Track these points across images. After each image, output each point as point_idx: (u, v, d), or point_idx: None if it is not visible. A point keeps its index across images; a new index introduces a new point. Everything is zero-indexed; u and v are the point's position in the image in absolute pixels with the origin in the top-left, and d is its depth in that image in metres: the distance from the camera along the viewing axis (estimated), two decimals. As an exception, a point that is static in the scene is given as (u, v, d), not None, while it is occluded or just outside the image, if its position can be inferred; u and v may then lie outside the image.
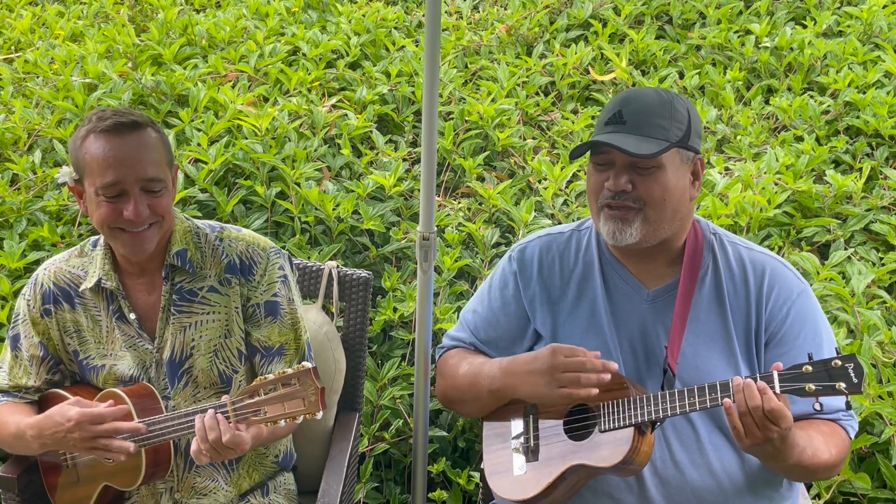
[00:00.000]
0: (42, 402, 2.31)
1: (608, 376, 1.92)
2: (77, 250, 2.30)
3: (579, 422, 2.04)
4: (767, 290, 2.03)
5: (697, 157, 2.05)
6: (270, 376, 1.93)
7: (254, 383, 1.95)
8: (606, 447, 1.95)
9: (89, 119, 2.11)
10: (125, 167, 2.05)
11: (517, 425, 2.13)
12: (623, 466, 1.94)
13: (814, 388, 1.76)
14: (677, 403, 1.89)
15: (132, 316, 2.22)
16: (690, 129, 2.01)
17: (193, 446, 1.98)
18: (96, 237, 2.29)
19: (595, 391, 1.92)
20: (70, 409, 2.06)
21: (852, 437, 2.03)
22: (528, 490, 2.05)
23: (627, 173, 1.98)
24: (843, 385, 1.75)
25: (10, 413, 2.24)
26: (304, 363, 1.92)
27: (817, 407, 1.78)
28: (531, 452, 2.08)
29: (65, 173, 2.16)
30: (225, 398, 1.98)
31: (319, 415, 1.89)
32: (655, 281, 2.10)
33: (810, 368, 1.77)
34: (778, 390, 1.79)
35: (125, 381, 2.22)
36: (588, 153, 2.06)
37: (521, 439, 2.11)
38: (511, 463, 2.11)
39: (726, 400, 1.81)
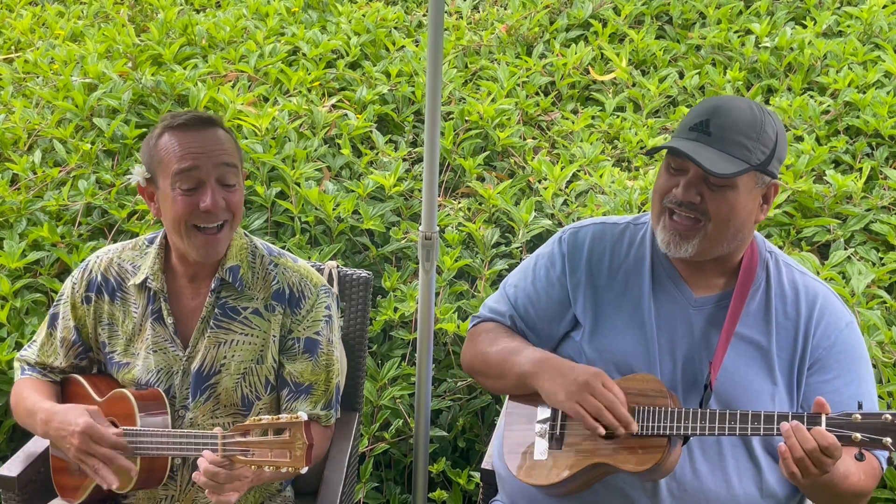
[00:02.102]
0: (63, 384, 2.33)
1: (623, 431, 1.91)
2: (132, 243, 2.30)
3: None
4: (818, 316, 2.03)
5: (773, 182, 2.00)
6: (266, 418, 1.89)
7: (247, 422, 1.92)
8: (636, 452, 1.93)
9: (163, 119, 2.14)
10: (203, 154, 2.07)
11: (544, 410, 2.11)
12: (648, 474, 1.93)
13: (860, 437, 1.75)
14: (717, 424, 1.88)
15: (170, 319, 2.20)
16: (774, 153, 1.97)
17: (197, 474, 1.96)
18: (153, 234, 2.28)
19: (601, 430, 1.91)
20: (82, 415, 2.07)
21: (884, 467, 2.01)
22: (545, 477, 2.03)
23: (698, 186, 1.95)
24: (889, 441, 1.74)
25: (32, 389, 2.26)
26: (299, 413, 1.86)
27: (858, 456, 1.77)
28: (555, 440, 2.06)
29: (137, 172, 2.15)
30: (217, 430, 1.95)
31: (303, 470, 1.84)
32: (705, 289, 2.08)
33: (859, 417, 1.76)
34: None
35: (140, 385, 2.21)
36: (664, 151, 2.03)
37: (548, 425, 2.08)
38: (532, 446, 2.09)
39: (781, 445, 1.79)
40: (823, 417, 1.78)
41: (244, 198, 2.19)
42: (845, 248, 3.39)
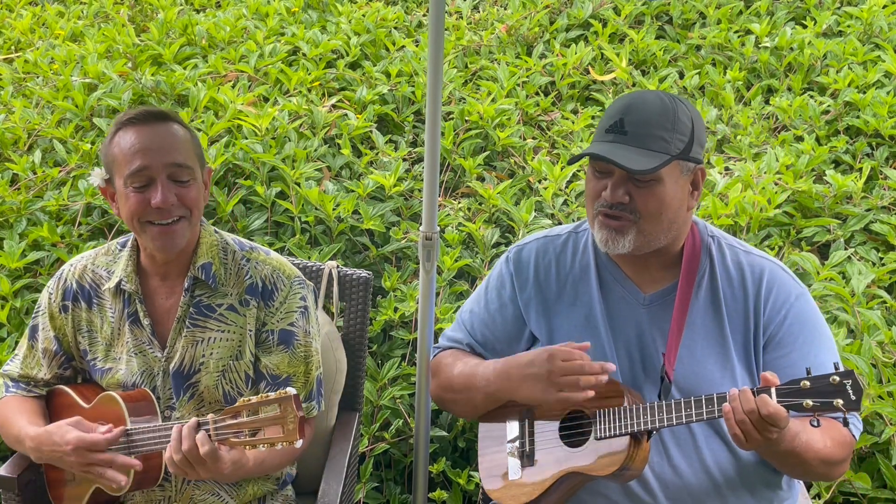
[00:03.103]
0: (48, 397, 2.32)
1: (605, 377, 1.92)
2: (104, 249, 2.30)
3: (575, 428, 2.03)
4: (766, 293, 2.02)
5: (698, 167, 2.01)
6: (254, 399, 1.89)
7: (237, 404, 1.91)
8: (602, 455, 1.95)
9: (117, 118, 2.13)
10: (152, 152, 2.06)
11: (513, 428, 2.13)
12: (619, 474, 1.94)
13: (811, 403, 1.74)
14: (674, 414, 1.88)
15: (146, 321, 2.20)
16: (693, 139, 1.97)
17: (166, 453, 1.95)
18: (125, 238, 2.28)
19: (591, 393, 1.91)
20: (69, 431, 2.06)
21: (856, 435, 2.01)
22: (523, 495, 2.05)
23: (625, 185, 1.96)
24: (840, 402, 1.73)
25: (17, 411, 2.24)
26: (287, 389, 1.87)
27: (814, 424, 1.76)
28: (526, 457, 2.07)
29: (96, 174, 2.15)
30: (210, 415, 1.94)
31: (298, 444, 1.84)
32: (652, 285, 2.09)
33: (808, 384, 1.75)
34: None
35: (126, 388, 2.21)
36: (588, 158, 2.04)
37: (517, 443, 2.10)
38: (506, 466, 2.11)
39: (725, 405, 1.80)
40: (773, 390, 1.78)
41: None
42: (845, 249, 3.39)
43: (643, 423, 1.91)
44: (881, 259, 3.38)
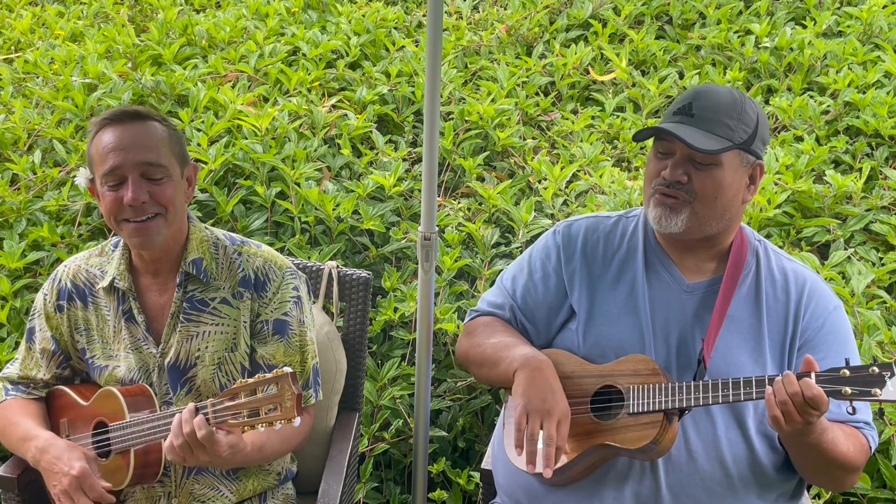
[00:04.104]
0: (47, 398, 2.33)
1: (540, 469, 1.94)
2: (98, 249, 2.32)
3: (605, 402, 2.06)
4: (807, 300, 2.09)
5: (758, 162, 2.08)
6: (250, 380, 1.90)
7: (234, 386, 1.92)
8: (633, 430, 1.98)
9: (96, 119, 2.14)
10: (123, 152, 2.07)
11: None
12: (648, 449, 1.97)
13: (850, 391, 1.79)
14: (710, 394, 1.92)
15: (140, 317, 2.22)
16: (756, 133, 2.04)
17: (167, 441, 1.97)
18: (118, 238, 2.29)
19: (517, 452, 1.97)
20: (80, 459, 2.09)
21: (873, 447, 2.06)
22: None
23: (685, 165, 2.02)
24: (878, 392, 1.78)
25: (21, 413, 2.26)
26: (283, 368, 1.88)
27: (850, 410, 1.82)
28: None
29: (81, 175, 2.18)
30: (209, 400, 1.96)
31: (296, 421, 1.85)
32: (696, 275, 2.14)
33: (848, 372, 1.81)
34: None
35: (124, 384, 2.23)
36: (652, 139, 2.10)
37: None
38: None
39: (768, 388, 1.85)
40: (813, 375, 1.82)
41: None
42: (845, 249, 3.39)
43: (678, 402, 1.95)
44: (881, 259, 3.38)
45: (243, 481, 2.29)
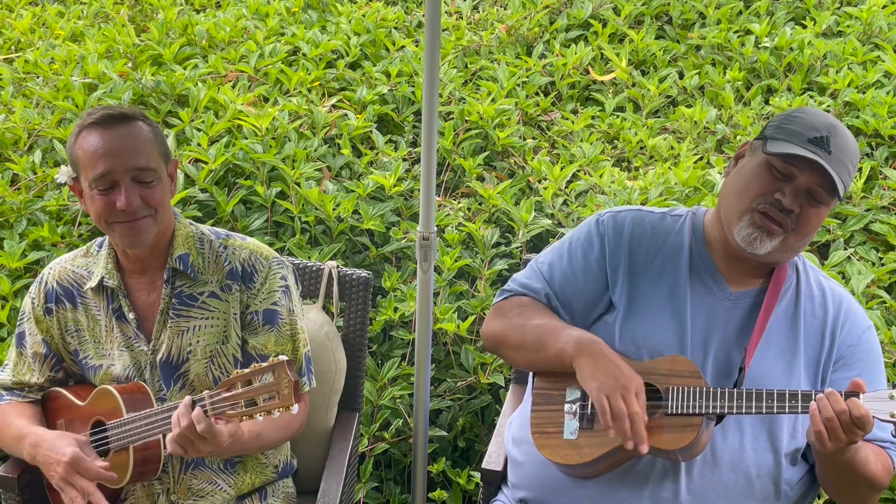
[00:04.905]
0: (43, 401, 2.32)
1: (631, 446, 1.92)
2: (83, 250, 2.32)
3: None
4: (844, 317, 2.11)
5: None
6: (246, 370, 1.92)
7: (231, 377, 1.94)
8: (671, 430, 1.96)
9: (81, 117, 2.14)
10: (114, 157, 2.07)
11: (574, 391, 2.11)
12: (683, 451, 1.96)
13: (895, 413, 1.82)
14: (753, 403, 1.92)
15: (131, 315, 2.22)
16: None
17: (168, 436, 1.98)
18: (102, 238, 2.30)
19: (612, 433, 1.93)
20: (70, 444, 2.09)
21: None
22: (576, 456, 2.04)
23: (801, 197, 1.99)
24: None
25: (15, 415, 2.26)
26: (279, 356, 1.90)
27: (894, 432, 1.84)
28: (587, 420, 2.07)
29: (63, 172, 2.18)
30: (205, 392, 1.97)
31: (294, 409, 1.86)
32: (740, 284, 2.12)
33: (894, 395, 1.82)
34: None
35: (119, 382, 2.23)
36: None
37: (578, 405, 2.09)
38: (562, 425, 2.09)
39: (812, 403, 1.85)
40: (861, 396, 1.83)
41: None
42: (845, 248, 3.39)
43: (720, 407, 1.94)
44: (881, 259, 3.39)
45: (240, 475, 2.30)
